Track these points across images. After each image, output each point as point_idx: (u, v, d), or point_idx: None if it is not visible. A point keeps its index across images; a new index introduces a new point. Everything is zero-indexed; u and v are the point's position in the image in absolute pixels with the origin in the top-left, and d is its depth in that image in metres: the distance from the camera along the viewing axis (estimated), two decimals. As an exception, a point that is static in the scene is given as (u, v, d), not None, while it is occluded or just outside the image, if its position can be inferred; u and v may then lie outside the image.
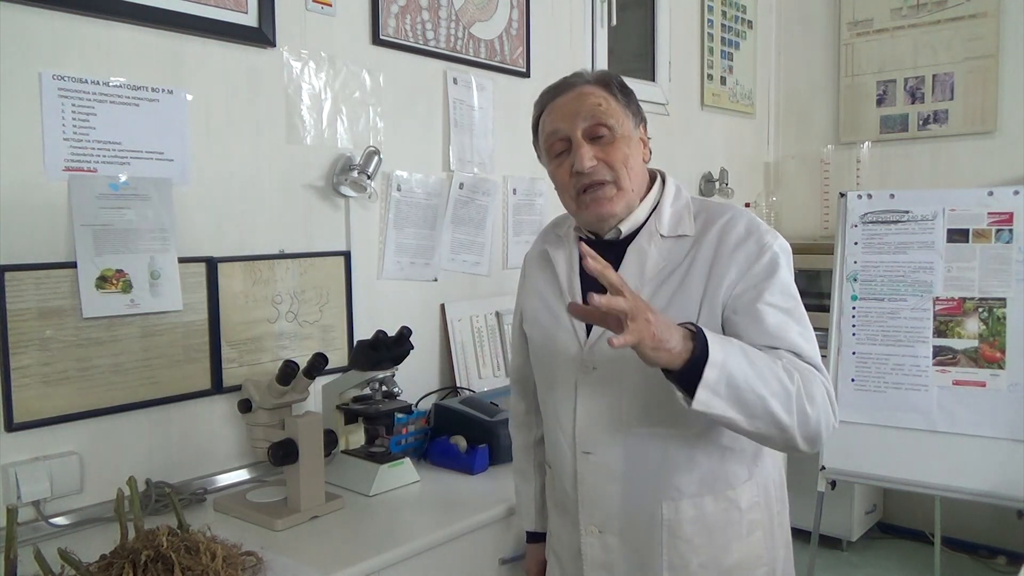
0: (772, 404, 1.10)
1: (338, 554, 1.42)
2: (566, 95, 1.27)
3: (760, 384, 1.09)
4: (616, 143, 1.24)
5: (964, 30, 3.38)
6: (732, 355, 1.08)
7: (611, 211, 1.26)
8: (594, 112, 1.24)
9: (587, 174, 1.23)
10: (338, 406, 1.85)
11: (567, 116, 1.25)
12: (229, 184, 1.79)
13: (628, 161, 1.25)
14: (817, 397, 1.14)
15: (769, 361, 1.12)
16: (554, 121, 1.27)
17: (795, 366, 1.15)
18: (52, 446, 1.53)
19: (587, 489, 1.31)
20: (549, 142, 1.29)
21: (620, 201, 1.25)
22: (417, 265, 2.23)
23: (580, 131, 1.24)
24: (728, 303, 1.21)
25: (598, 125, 1.24)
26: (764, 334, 1.18)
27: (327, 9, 1.96)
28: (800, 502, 2.98)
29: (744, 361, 1.09)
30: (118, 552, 1.22)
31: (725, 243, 1.23)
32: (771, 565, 1.33)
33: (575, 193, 1.27)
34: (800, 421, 1.12)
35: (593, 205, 1.25)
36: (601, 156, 1.23)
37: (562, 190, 1.30)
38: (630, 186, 1.26)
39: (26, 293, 1.48)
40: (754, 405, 1.09)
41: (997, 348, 2.46)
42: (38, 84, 1.49)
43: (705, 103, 3.44)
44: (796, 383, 1.12)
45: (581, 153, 1.23)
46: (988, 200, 2.52)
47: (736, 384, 1.07)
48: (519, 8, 2.48)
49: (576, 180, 1.25)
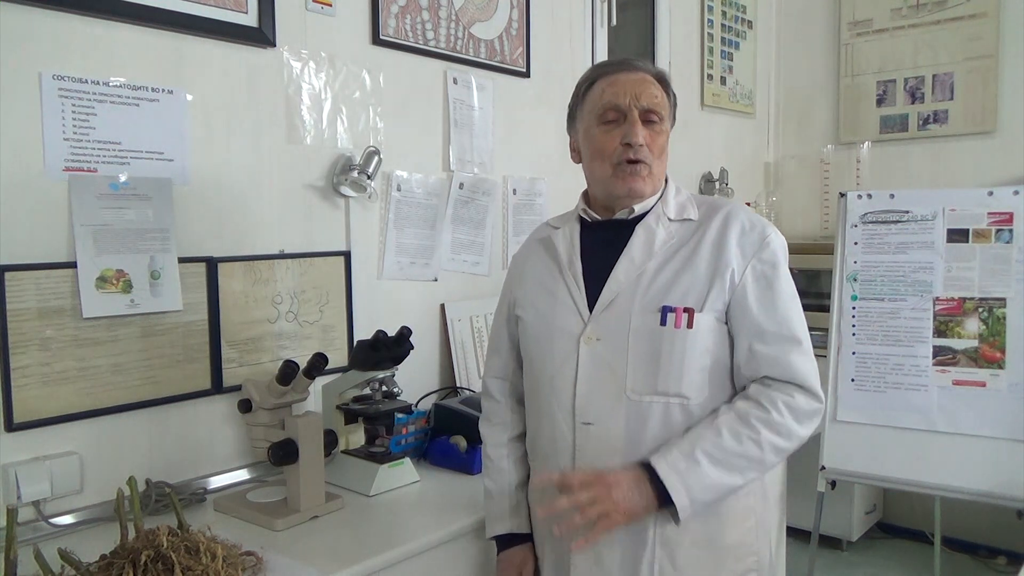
0: (746, 480, 1.27)
1: (338, 554, 1.42)
2: (630, 74, 1.36)
3: (730, 478, 1.24)
4: (661, 134, 1.37)
5: (964, 30, 3.38)
6: (696, 485, 1.22)
7: (642, 188, 1.35)
8: (653, 100, 1.35)
9: (635, 148, 1.33)
10: (338, 406, 1.85)
11: (629, 93, 1.34)
12: (229, 184, 1.79)
13: (663, 153, 1.38)
14: (792, 428, 1.26)
15: (735, 443, 1.24)
16: (616, 94, 1.35)
17: (764, 418, 1.25)
18: (52, 446, 1.53)
19: (586, 462, 1.32)
20: (604, 109, 1.36)
21: (650, 184, 1.36)
22: (417, 265, 2.23)
23: (638, 110, 1.33)
24: (737, 287, 1.29)
25: (652, 112, 1.35)
26: (777, 323, 1.28)
27: (327, 9, 1.96)
28: (800, 502, 3.00)
29: (711, 473, 1.22)
30: (118, 552, 1.22)
31: (730, 229, 1.32)
32: (759, 555, 1.37)
33: (616, 162, 1.34)
34: (775, 457, 1.28)
35: (630, 178, 1.34)
36: (648, 140, 1.34)
37: (602, 157, 1.36)
38: (659, 174, 1.38)
39: (26, 293, 1.48)
40: (732, 490, 1.27)
41: (997, 348, 2.46)
42: (38, 84, 1.49)
43: (705, 103, 3.44)
44: (765, 443, 1.24)
45: (636, 129, 1.33)
46: (988, 200, 2.53)
47: (708, 501, 1.24)
48: (519, 8, 2.48)
49: (623, 151, 1.33)
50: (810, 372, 1.28)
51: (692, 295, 1.28)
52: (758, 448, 1.23)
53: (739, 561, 1.34)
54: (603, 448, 1.31)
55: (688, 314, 1.27)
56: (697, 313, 1.27)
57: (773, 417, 1.24)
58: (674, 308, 1.28)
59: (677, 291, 1.29)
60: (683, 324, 1.27)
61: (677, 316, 1.27)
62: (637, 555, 1.31)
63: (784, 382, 1.27)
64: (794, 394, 1.26)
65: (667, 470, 1.21)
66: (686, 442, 1.24)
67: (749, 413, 1.25)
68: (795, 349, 1.28)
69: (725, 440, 1.23)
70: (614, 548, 1.32)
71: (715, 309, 1.28)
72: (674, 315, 1.27)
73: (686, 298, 1.28)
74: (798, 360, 1.28)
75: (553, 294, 1.39)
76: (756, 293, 1.29)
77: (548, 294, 1.40)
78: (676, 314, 1.27)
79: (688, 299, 1.28)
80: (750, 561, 1.35)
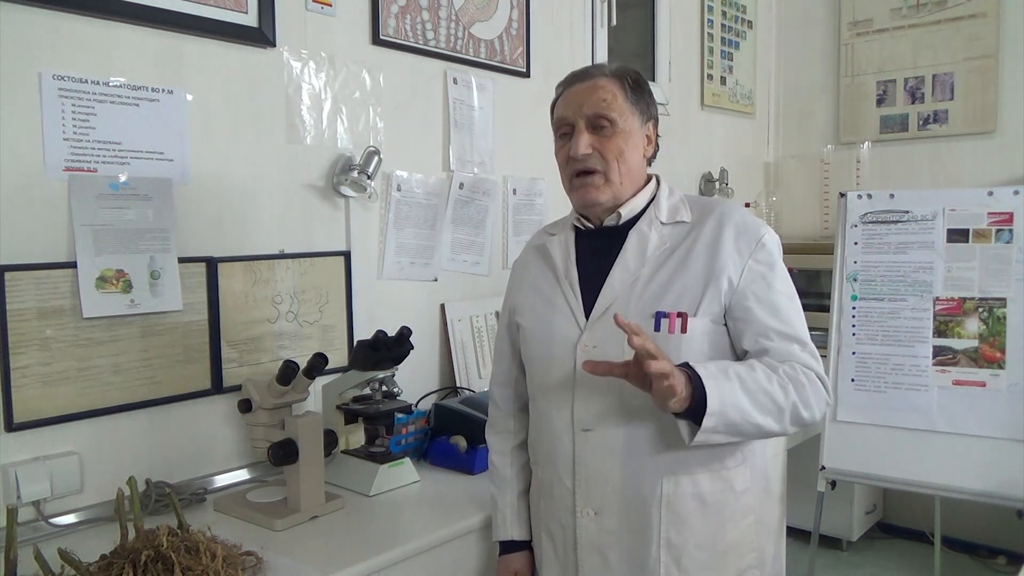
0: (765, 425, 1.22)
1: (338, 554, 1.42)
2: (581, 84, 1.36)
3: (755, 413, 1.20)
4: (614, 137, 1.33)
5: (964, 30, 3.38)
6: (728, 396, 1.18)
7: (596, 199, 1.34)
8: (599, 105, 1.32)
9: (580, 160, 1.33)
10: (338, 406, 1.85)
11: (575, 104, 1.34)
12: (229, 184, 1.79)
13: (623, 155, 1.33)
14: (811, 398, 1.25)
15: (765, 381, 1.22)
16: (565, 106, 1.36)
17: (792, 377, 1.24)
18: (52, 446, 1.53)
19: (586, 469, 1.33)
20: (557, 124, 1.39)
21: (607, 191, 1.34)
22: (417, 265, 2.23)
23: (583, 120, 1.32)
24: (737, 289, 1.29)
25: (600, 117, 1.32)
26: (780, 321, 1.28)
27: (327, 9, 1.96)
28: (800, 502, 3.00)
29: (741, 395, 1.19)
30: (118, 552, 1.22)
31: (725, 231, 1.31)
32: (760, 553, 1.37)
33: (569, 176, 1.37)
34: (792, 422, 1.25)
35: (581, 190, 1.35)
36: (597, 146, 1.32)
37: (561, 170, 1.40)
38: (619, 179, 1.34)
39: (26, 293, 1.48)
40: (749, 431, 1.23)
41: (997, 348, 2.46)
42: (38, 84, 1.49)
43: (705, 103, 3.44)
44: (791, 397, 1.23)
45: (578, 140, 1.32)
46: (988, 200, 2.52)
47: (732, 422, 1.19)
48: (519, 8, 2.48)
49: (571, 164, 1.35)
50: (819, 367, 1.29)
51: (686, 299, 1.28)
52: (784, 395, 1.22)
53: (741, 558, 1.34)
54: (602, 454, 1.31)
55: (682, 319, 1.27)
56: (691, 318, 1.27)
57: (801, 379, 1.24)
58: (668, 314, 1.28)
59: (671, 296, 1.29)
60: (676, 329, 1.27)
61: (671, 322, 1.28)
62: (643, 557, 1.31)
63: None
64: (812, 378, 1.27)
65: (706, 373, 1.18)
66: (719, 363, 1.23)
67: (780, 367, 1.24)
68: (801, 348, 1.29)
69: (758, 374, 1.22)
70: (620, 551, 1.32)
71: (711, 312, 1.28)
72: (667, 321, 1.28)
73: (680, 303, 1.28)
74: (805, 359, 1.28)
75: (551, 302, 1.40)
76: (756, 294, 1.29)
77: (546, 301, 1.41)
78: (670, 320, 1.28)
79: (682, 303, 1.28)
80: (751, 557, 1.36)
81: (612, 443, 1.30)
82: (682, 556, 1.30)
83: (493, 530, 1.55)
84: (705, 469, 1.31)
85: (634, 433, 1.29)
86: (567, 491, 1.36)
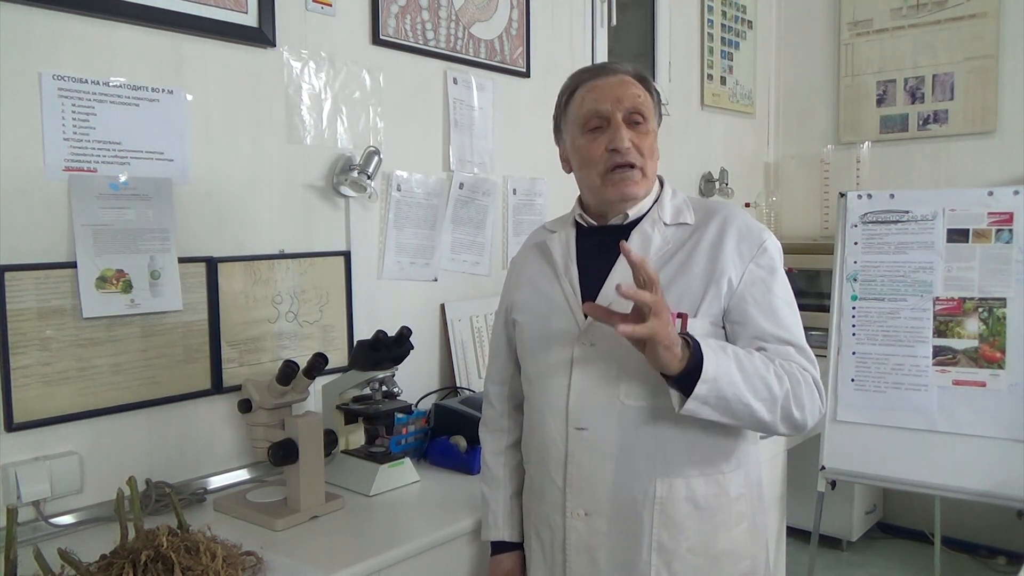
0: (757, 410, 1.20)
1: (338, 554, 1.42)
2: (609, 78, 1.34)
3: (748, 394, 1.19)
4: (648, 134, 1.33)
5: (964, 30, 3.38)
6: (723, 368, 1.17)
7: (635, 192, 1.33)
8: (635, 100, 1.32)
9: (623, 153, 1.30)
10: (338, 406, 1.85)
11: (610, 98, 1.32)
12: (229, 184, 1.79)
13: (654, 153, 1.35)
14: (805, 398, 1.23)
15: (761, 366, 1.21)
16: (597, 100, 1.33)
17: (788, 370, 1.23)
18: (52, 446, 1.53)
19: (578, 469, 1.32)
20: (587, 117, 1.34)
21: (643, 186, 1.34)
22: (417, 265, 2.23)
23: (621, 113, 1.31)
24: (736, 292, 1.28)
25: (636, 112, 1.32)
26: (777, 326, 1.27)
27: (327, 9, 1.96)
28: (800, 502, 3.00)
29: (736, 372, 1.18)
30: (118, 552, 1.22)
31: (727, 234, 1.31)
32: (755, 559, 1.36)
33: (604, 169, 1.32)
34: (783, 418, 1.23)
35: (621, 184, 1.32)
36: (636, 142, 1.31)
37: (589, 165, 1.34)
38: (652, 175, 1.36)
39: (26, 293, 1.48)
40: (739, 412, 1.20)
41: (997, 348, 2.46)
42: (38, 84, 1.49)
43: (705, 103, 3.44)
44: (784, 387, 1.21)
45: (622, 134, 1.30)
46: (988, 200, 2.53)
47: (724, 396, 1.17)
48: (519, 8, 2.48)
49: (609, 157, 1.31)
50: (815, 372, 1.28)
51: (686, 300, 1.28)
52: (779, 384, 1.20)
53: (735, 565, 1.33)
54: (596, 453, 1.31)
55: (682, 319, 1.26)
56: (691, 318, 1.26)
57: (797, 375, 1.23)
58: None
59: (671, 297, 1.27)
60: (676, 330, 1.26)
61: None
62: (633, 560, 1.30)
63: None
64: (807, 380, 1.26)
65: (703, 343, 1.17)
66: (718, 341, 1.22)
67: (777, 359, 1.24)
68: (798, 352, 1.28)
69: (755, 358, 1.21)
70: (610, 554, 1.31)
71: (710, 314, 1.28)
72: None
73: (680, 303, 1.27)
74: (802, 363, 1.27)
75: (549, 299, 1.39)
76: (755, 298, 1.28)
77: (544, 299, 1.40)
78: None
79: (682, 304, 1.27)
80: (745, 565, 1.34)
81: (606, 443, 1.30)
82: (673, 560, 1.29)
83: (483, 530, 1.53)
84: (699, 472, 1.29)
85: (628, 433, 1.28)
86: (558, 491, 1.35)
